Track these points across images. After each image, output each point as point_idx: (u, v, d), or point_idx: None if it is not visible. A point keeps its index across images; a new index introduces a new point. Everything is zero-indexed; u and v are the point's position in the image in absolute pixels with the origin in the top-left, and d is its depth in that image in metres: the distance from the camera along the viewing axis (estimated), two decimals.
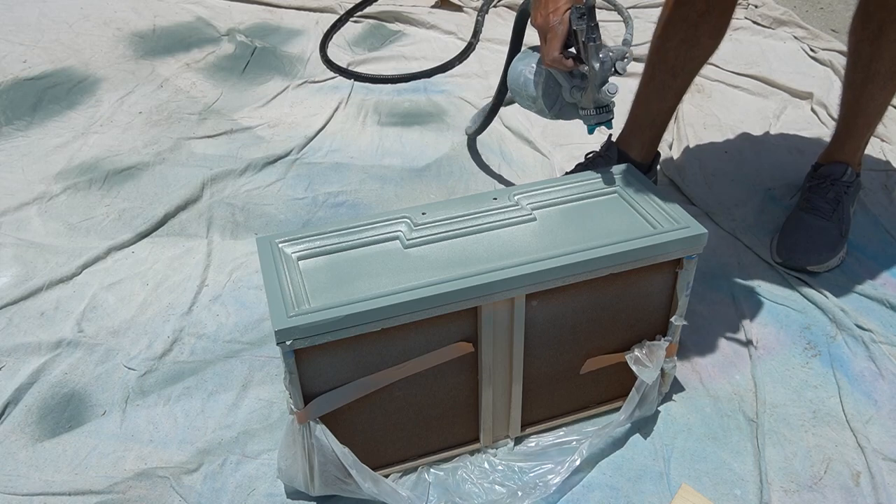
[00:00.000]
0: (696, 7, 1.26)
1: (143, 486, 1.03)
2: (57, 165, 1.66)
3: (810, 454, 1.07)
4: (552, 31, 1.01)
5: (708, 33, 1.29)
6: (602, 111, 1.06)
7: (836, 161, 1.42)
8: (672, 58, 1.32)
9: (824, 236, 1.37)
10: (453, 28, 2.25)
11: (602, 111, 1.06)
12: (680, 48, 1.31)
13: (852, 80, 1.35)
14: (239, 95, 1.94)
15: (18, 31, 2.21)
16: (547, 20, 1.01)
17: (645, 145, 1.42)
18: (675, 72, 1.34)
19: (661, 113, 1.40)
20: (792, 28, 2.23)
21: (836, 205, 1.39)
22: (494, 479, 1.03)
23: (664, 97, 1.37)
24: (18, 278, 1.37)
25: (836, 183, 1.40)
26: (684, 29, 1.29)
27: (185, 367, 1.21)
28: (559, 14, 1.00)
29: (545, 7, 1.01)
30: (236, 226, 1.51)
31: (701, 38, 1.30)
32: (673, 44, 1.31)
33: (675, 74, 1.34)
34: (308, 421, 0.90)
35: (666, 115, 1.41)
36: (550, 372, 1.04)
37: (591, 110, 1.06)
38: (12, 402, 1.15)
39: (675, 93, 1.37)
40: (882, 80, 1.29)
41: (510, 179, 1.64)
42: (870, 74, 1.29)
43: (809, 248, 1.36)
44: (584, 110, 1.07)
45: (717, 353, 1.23)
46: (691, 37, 1.29)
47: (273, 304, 0.85)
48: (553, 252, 0.92)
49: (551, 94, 1.12)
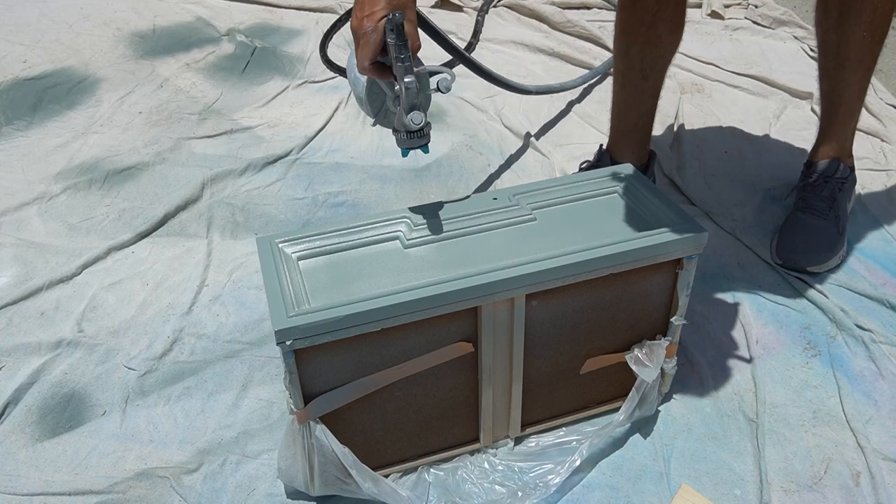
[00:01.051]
0: (648, 8, 1.26)
1: (143, 486, 1.03)
2: (57, 165, 1.66)
3: (810, 454, 1.07)
4: (364, 38, 0.91)
5: (667, 30, 1.30)
6: (413, 136, 0.94)
7: (825, 157, 1.42)
8: (638, 61, 1.32)
9: (822, 236, 1.36)
10: (453, 28, 2.25)
11: (413, 136, 0.94)
12: (644, 50, 1.31)
13: (825, 70, 1.35)
14: (239, 95, 1.94)
15: (18, 31, 2.21)
16: (361, 25, 0.91)
17: (635, 149, 1.43)
18: (645, 74, 1.34)
19: (642, 115, 1.40)
20: (792, 28, 2.23)
21: (832, 202, 1.39)
22: (494, 479, 1.03)
23: (641, 100, 1.38)
24: (18, 278, 1.37)
25: (830, 180, 1.40)
26: (643, 31, 1.29)
27: (185, 367, 1.21)
28: (373, 20, 0.90)
29: (361, 10, 0.91)
30: (236, 226, 1.51)
31: (661, 36, 1.30)
32: (635, 48, 1.31)
33: (645, 76, 1.34)
34: (308, 421, 0.90)
35: (647, 117, 1.41)
36: (550, 372, 1.04)
37: (402, 133, 0.95)
38: (12, 402, 1.15)
39: (651, 93, 1.38)
40: (853, 65, 1.29)
41: (510, 179, 1.64)
42: (840, 61, 1.29)
43: (808, 249, 1.36)
44: (396, 132, 0.97)
45: (717, 353, 1.23)
46: (652, 37, 1.29)
47: (273, 304, 0.85)
48: (553, 252, 0.92)
49: (376, 101, 1.01)
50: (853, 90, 1.34)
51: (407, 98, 0.91)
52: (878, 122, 1.79)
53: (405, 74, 0.90)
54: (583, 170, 1.46)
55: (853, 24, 1.24)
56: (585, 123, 1.82)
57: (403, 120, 0.93)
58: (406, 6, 0.91)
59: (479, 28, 2.21)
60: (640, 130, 1.42)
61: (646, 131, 1.43)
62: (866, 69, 1.31)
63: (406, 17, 0.90)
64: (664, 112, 1.84)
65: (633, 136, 1.42)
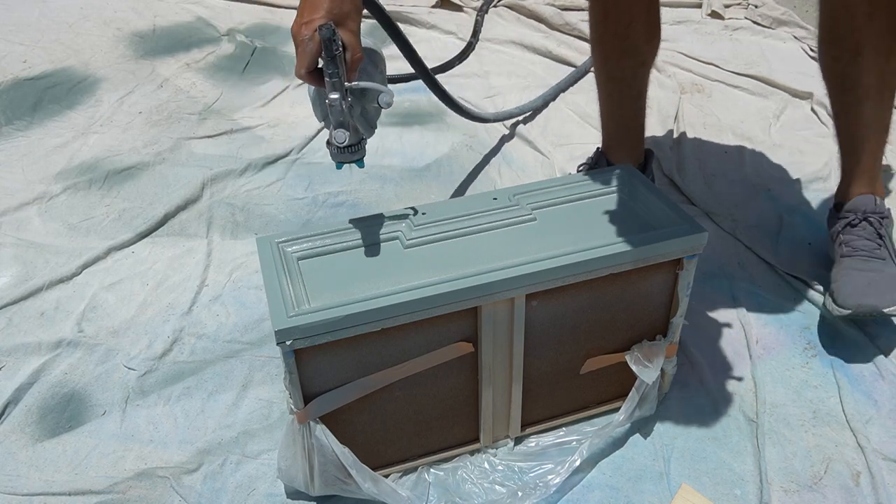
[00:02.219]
0: (621, 20, 1.25)
1: (143, 486, 1.03)
2: (57, 165, 1.66)
3: (810, 454, 1.07)
4: (301, 46, 0.86)
5: (643, 39, 1.28)
6: (344, 151, 0.92)
7: (859, 194, 1.28)
8: (618, 71, 1.31)
9: (884, 275, 1.21)
10: (453, 28, 2.25)
11: (344, 151, 0.92)
12: (622, 60, 1.29)
13: (844, 106, 1.24)
14: (239, 95, 1.94)
15: (18, 31, 2.21)
16: (299, 31, 0.87)
17: (631, 150, 1.41)
18: (627, 81, 1.32)
19: (632, 118, 1.38)
20: (792, 28, 2.23)
21: (880, 240, 1.24)
22: (494, 479, 1.03)
23: (627, 105, 1.36)
24: (18, 278, 1.37)
25: (870, 217, 1.26)
26: (618, 43, 1.27)
27: (185, 367, 1.21)
28: (310, 28, 0.85)
29: (301, 16, 0.87)
30: (236, 226, 1.51)
31: (638, 45, 1.28)
32: (613, 59, 1.30)
33: (628, 84, 1.33)
34: (308, 421, 0.90)
35: (638, 118, 1.39)
36: (550, 372, 1.04)
37: (333, 147, 0.92)
38: (12, 402, 1.15)
39: (636, 96, 1.36)
40: (876, 93, 1.20)
41: (510, 179, 1.64)
42: (861, 94, 1.20)
43: (876, 291, 1.19)
44: (329, 145, 0.93)
45: (717, 353, 1.23)
46: (628, 47, 1.28)
47: (273, 304, 0.85)
48: (553, 252, 0.92)
49: (322, 106, 0.95)
50: (880, 121, 1.24)
51: (332, 115, 0.88)
52: None
53: (331, 90, 0.87)
54: (580, 171, 1.45)
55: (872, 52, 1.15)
56: (585, 123, 1.82)
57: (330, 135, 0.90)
58: (348, 16, 0.87)
59: (478, 28, 2.21)
60: (632, 132, 1.40)
61: (638, 132, 1.41)
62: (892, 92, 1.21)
63: (347, 27, 0.87)
64: (664, 112, 1.84)
65: (625, 138, 1.40)
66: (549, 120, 1.84)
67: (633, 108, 1.37)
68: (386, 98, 0.91)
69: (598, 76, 1.36)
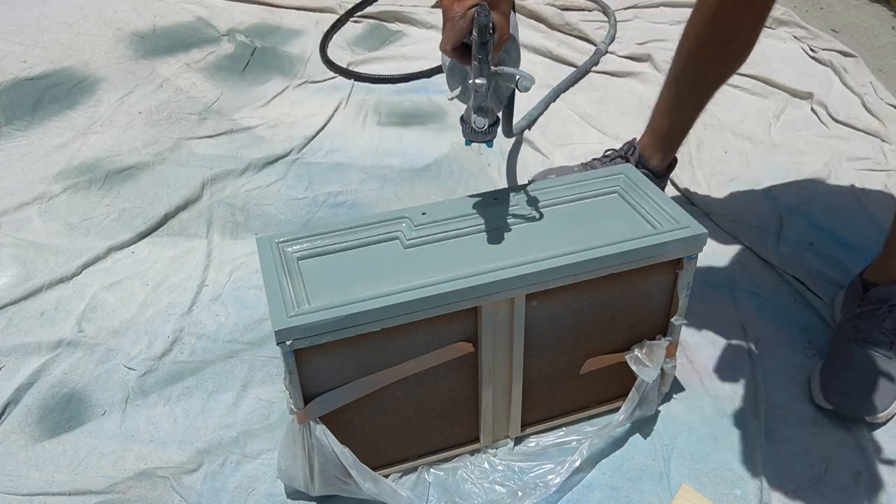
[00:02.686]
0: (728, 25, 1.20)
1: (143, 486, 1.03)
2: (57, 165, 1.66)
3: (810, 454, 1.07)
4: (451, 22, 0.86)
5: (739, 50, 1.25)
6: (478, 133, 0.93)
7: (891, 281, 1.17)
8: (698, 75, 1.28)
9: (885, 377, 1.11)
10: None
11: (478, 133, 0.93)
12: (708, 66, 1.27)
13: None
14: (239, 95, 1.94)
15: (18, 31, 2.21)
16: (451, 6, 0.85)
17: (665, 154, 1.40)
18: (701, 88, 1.30)
19: (683, 125, 1.37)
20: (792, 28, 2.23)
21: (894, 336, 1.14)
22: (494, 479, 1.03)
23: (686, 111, 1.35)
24: (18, 278, 1.37)
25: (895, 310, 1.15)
26: (715, 47, 1.24)
27: (185, 367, 1.21)
28: (463, 7, 0.84)
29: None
30: (236, 226, 1.51)
31: (732, 54, 1.26)
32: (701, 63, 1.27)
33: (700, 90, 1.31)
34: (308, 421, 0.90)
35: (686, 128, 1.38)
36: (550, 372, 1.04)
37: (467, 126, 0.93)
38: (12, 402, 1.15)
39: (697, 106, 1.34)
40: None
41: (510, 179, 1.64)
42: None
43: (867, 392, 1.10)
44: (463, 122, 0.94)
45: (717, 353, 1.23)
46: (721, 54, 1.25)
47: (273, 304, 0.85)
48: (553, 252, 0.92)
49: (457, 77, 0.96)
50: None
51: (475, 99, 0.89)
52: (878, 122, 1.79)
53: (478, 75, 0.86)
54: (607, 156, 1.44)
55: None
56: (585, 123, 1.82)
57: (469, 116, 0.92)
58: None
59: None
60: (675, 137, 1.39)
61: (680, 138, 1.39)
62: None
63: (500, 9, 0.86)
64: None
65: (668, 140, 1.38)
66: (550, 120, 1.84)
67: (691, 116, 1.36)
68: (525, 83, 0.91)
69: (675, 73, 1.31)
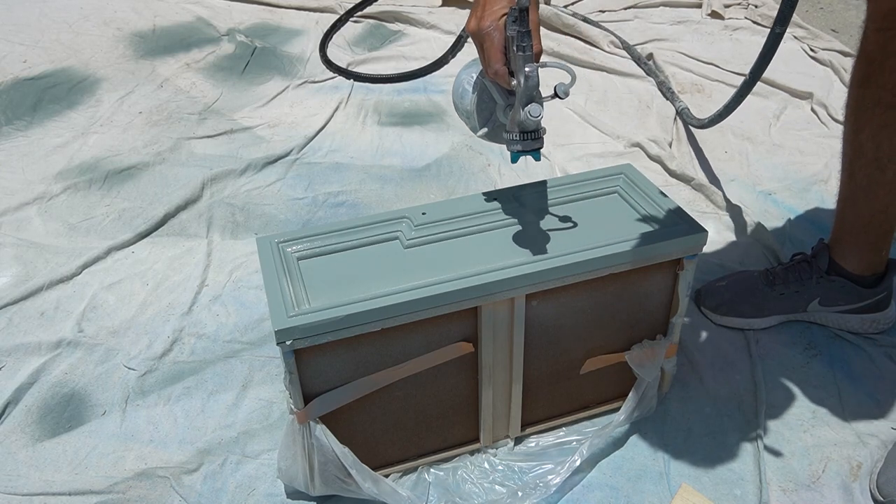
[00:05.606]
0: (886, 84, 1.03)
1: (143, 486, 1.04)
2: (57, 165, 1.66)
3: (809, 454, 1.07)
4: (488, 39, 0.85)
5: None
6: (527, 138, 0.87)
7: None
8: (872, 149, 1.08)
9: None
10: (453, 28, 2.25)
11: (527, 138, 0.87)
12: (879, 135, 1.07)
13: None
14: (239, 95, 1.94)
15: (18, 31, 2.21)
16: (480, 25, 0.85)
17: (865, 254, 1.19)
18: (881, 164, 1.09)
19: (876, 214, 1.14)
20: (792, 28, 2.23)
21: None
22: (494, 479, 1.03)
23: (874, 194, 1.12)
24: (18, 278, 1.37)
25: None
26: (879, 113, 1.06)
27: (185, 367, 1.21)
28: (494, 17, 0.84)
29: (481, 10, 0.86)
30: (236, 226, 1.51)
31: None
32: (867, 133, 1.08)
33: (881, 167, 1.09)
34: (308, 421, 0.90)
35: (884, 215, 1.15)
36: (550, 372, 1.04)
37: (514, 134, 0.87)
38: (12, 402, 1.15)
39: (888, 188, 1.11)
40: None
41: (510, 179, 1.64)
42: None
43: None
44: (508, 133, 0.89)
45: (717, 353, 1.23)
46: (890, 119, 1.05)
47: (273, 304, 0.85)
48: (553, 252, 0.92)
49: (484, 112, 0.96)
50: None
51: (526, 90, 0.83)
52: None
53: (527, 63, 0.82)
54: (795, 261, 1.25)
55: None
56: (586, 123, 1.82)
57: (519, 116, 0.85)
58: None
59: None
60: (873, 231, 1.16)
61: (882, 233, 1.16)
62: None
63: None
64: (663, 112, 1.85)
65: (862, 236, 1.18)
66: (550, 120, 1.82)
67: (880, 201, 1.13)
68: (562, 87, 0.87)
69: (846, 151, 1.14)
